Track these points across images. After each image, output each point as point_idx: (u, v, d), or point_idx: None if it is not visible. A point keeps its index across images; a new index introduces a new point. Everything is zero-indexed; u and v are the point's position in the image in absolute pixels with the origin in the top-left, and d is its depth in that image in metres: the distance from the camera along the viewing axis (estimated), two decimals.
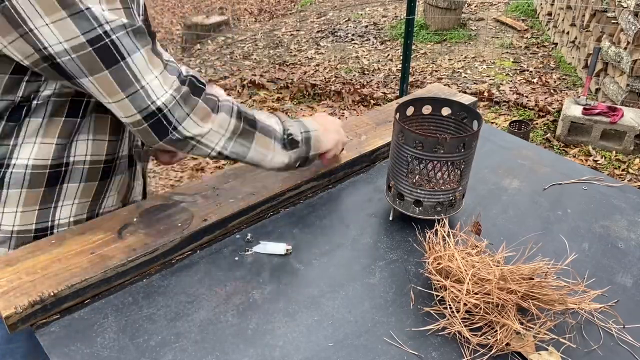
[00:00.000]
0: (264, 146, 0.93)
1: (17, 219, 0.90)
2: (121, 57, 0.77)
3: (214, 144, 0.88)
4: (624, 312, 0.82)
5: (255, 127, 0.92)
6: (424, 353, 0.76)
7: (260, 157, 0.93)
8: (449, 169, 0.96)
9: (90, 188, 0.96)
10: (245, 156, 0.92)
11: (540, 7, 6.28)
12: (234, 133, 0.89)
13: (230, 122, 0.88)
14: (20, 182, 0.88)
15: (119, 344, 0.76)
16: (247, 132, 0.91)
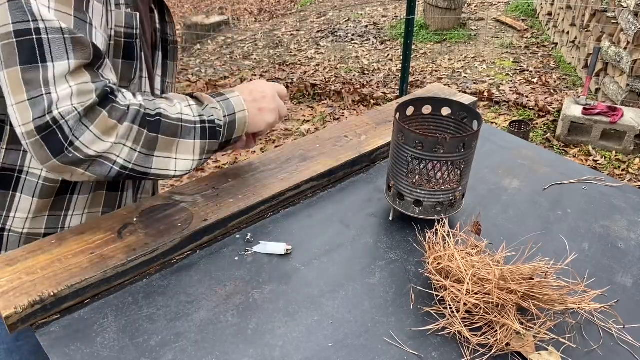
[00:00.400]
0: (167, 149, 0.84)
1: (27, 224, 0.94)
2: (42, 59, 0.72)
3: (116, 158, 0.79)
4: (624, 312, 0.83)
5: (157, 129, 0.82)
6: (424, 353, 0.76)
7: (163, 165, 0.84)
8: (449, 169, 0.96)
9: (100, 197, 0.99)
10: (150, 169, 0.83)
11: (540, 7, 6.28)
12: (137, 142, 0.80)
13: (133, 130, 0.79)
14: (32, 191, 0.92)
15: (119, 344, 0.76)
16: (150, 139, 0.81)
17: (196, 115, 0.88)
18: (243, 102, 0.95)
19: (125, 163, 0.81)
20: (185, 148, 0.86)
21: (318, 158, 1.12)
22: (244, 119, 0.94)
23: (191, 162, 0.88)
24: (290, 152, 1.15)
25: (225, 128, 0.92)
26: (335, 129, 1.26)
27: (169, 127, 0.84)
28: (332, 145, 1.18)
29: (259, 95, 0.98)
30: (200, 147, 0.88)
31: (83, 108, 0.74)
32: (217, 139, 0.90)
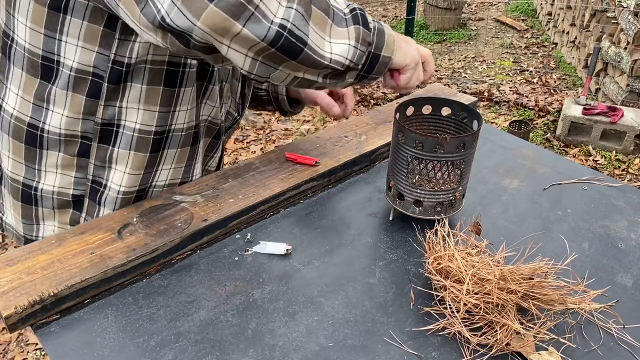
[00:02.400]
0: (320, 26, 0.74)
1: (124, 180, 0.98)
2: None
3: (272, 14, 0.70)
4: (624, 312, 0.83)
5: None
6: (424, 353, 0.76)
7: (320, 43, 0.74)
8: (449, 169, 0.96)
9: (184, 153, 1.03)
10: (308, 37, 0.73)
11: (540, 7, 6.28)
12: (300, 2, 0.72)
13: None
14: (129, 144, 0.95)
15: (119, 344, 0.76)
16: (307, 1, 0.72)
17: (346, 7, 0.79)
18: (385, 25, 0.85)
19: (285, 22, 0.70)
20: (338, 34, 0.76)
21: (318, 158, 1.12)
22: (391, 36, 0.83)
23: (347, 47, 0.77)
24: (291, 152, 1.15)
25: (375, 33, 0.81)
26: (335, 129, 1.26)
27: (321, 2, 0.74)
28: (332, 145, 1.18)
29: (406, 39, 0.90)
30: (355, 32, 0.77)
31: None
32: (368, 30, 0.79)
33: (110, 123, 0.93)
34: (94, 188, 0.98)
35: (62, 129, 0.92)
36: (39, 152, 0.95)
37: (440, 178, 0.96)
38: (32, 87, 0.90)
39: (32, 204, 1.00)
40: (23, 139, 0.95)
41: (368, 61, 0.81)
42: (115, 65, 0.87)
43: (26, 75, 0.90)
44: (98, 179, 0.98)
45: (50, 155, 0.95)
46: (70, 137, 0.93)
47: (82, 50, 0.86)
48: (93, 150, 0.95)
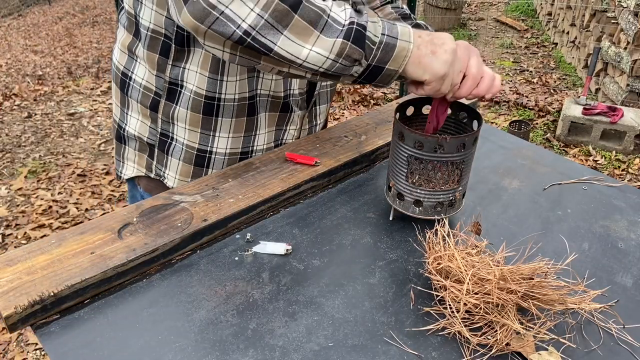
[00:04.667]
0: (300, 35, 0.76)
1: (187, 135, 1.09)
2: None
3: (240, 20, 0.74)
4: (624, 312, 0.83)
5: (296, 7, 0.75)
6: (424, 353, 0.76)
7: (292, 49, 0.77)
8: (449, 169, 0.96)
9: (241, 124, 1.10)
10: (274, 45, 0.76)
11: (540, 7, 6.28)
12: (266, 9, 0.74)
13: None
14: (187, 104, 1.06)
15: (119, 344, 0.76)
16: (284, 12, 0.74)
17: (346, 19, 0.78)
18: (411, 34, 0.82)
19: (249, 28, 0.75)
20: (323, 44, 0.77)
21: (318, 158, 1.12)
22: (404, 51, 0.81)
23: (324, 59, 0.78)
24: None
25: (380, 48, 0.80)
26: (335, 129, 1.26)
27: (310, 12, 0.76)
28: (332, 145, 1.18)
29: (439, 41, 0.84)
30: (340, 46, 0.78)
31: None
32: (361, 48, 0.79)
33: (175, 82, 1.04)
34: (162, 140, 1.12)
35: (144, 79, 1.07)
36: (126, 99, 1.12)
37: (440, 178, 0.96)
38: (127, 40, 1.08)
39: (121, 142, 1.18)
40: (118, 84, 1.13)
41: (367, 71, 0.82)
42: (178, 29, 0.97)
43: (125, 31, 1.08)
44: (165, 132, 1.10)
45: (132, 103, 1.11)
46: (146, 90, 1.07)
47: (155, 14, 0.98)
48: (161, 105, 1.07)
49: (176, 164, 1.14)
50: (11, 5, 9.33)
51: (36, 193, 3.32)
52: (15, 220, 3.04)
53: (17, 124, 4.35)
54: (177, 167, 1.15)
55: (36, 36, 7.57)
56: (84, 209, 3.15)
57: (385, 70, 0.83)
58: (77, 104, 4.77)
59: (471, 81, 0.90)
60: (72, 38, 7.29)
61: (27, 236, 2.90)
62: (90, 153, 3.82)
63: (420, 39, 0.84)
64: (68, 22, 8.29)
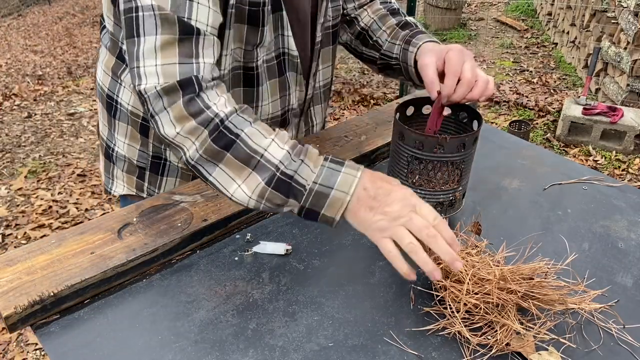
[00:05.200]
0: (234, 170, 0.80)
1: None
2: (137, 33, 0.81)
3: (185, 150, 0.81)
4: (624, 312, 0.82)
5: (228, 147, 0.79)
6: (424, 353, 0.76)
7: (225, 182, 0.81)
8: (449, 169, 0.96)
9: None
10: (210, 175, 0.81)
11: (540, 7, 6.28)
12: (202, 146, 0.79)
13: (202, 133, 0.79)
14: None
15: (119, 344, 0.76)
16: (215, 151, 0.80)
17: (279, 161, 0.79)
18: (353, 186, 0.78)
19: (189, 158, 0.81)
20: (250, 182, 0.80)
21: None
22: (339, 202, 0.78)
23: (247, 198, 0.80)
24: None
25: (310, 194, 0.79)
26: (335, 129, 1.26)
27: (242, 153, 0.79)
28: (332, 145, 1.18)
29: (382, 193, 0.78)
30: (260, 190, 0.80)
31: (162, 88, 0.80)
32: (284, 195, 0.80)
33: None
34: (154, 162, 1.11)
35: (130, 104, 1.06)
36: (113, 121, 1.11)
37: (440, 178, 0.96)
38: (110, 62, 1.06)
39: (110, 160, 1.16)
40: (105, 105, 1.11)
41: (304, 212, 0.81)
42: None
43: (107, 52, 1.06)
44: (158, 155, 1.10)
45: (120, 125, 1.10)
46: (134, 116, 1.06)
47: None
48: (152, 131, 1.07)
49: (172, 182, 1.14)
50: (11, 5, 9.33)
51: (36, 193, 3.32)
52: (15, 220, 3.04)
53: (17, 124, 4.35)
54: (174, 184, 1.14)
55: (36, 36, 7.57)
56: (84, 209, 3.14)
57: (322, 216, 0.80)
58: (77, 104, 4.76)
59: (465, 86, 0.90)
60: (72, 38, 7.29)
61: (27, 236, 2.90)
62: (90, 153, 3.82)
63: (364, 191, 0.78)
64: (68, 22, 8.29)
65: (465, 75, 0.90)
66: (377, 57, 1.17)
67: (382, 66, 1.18)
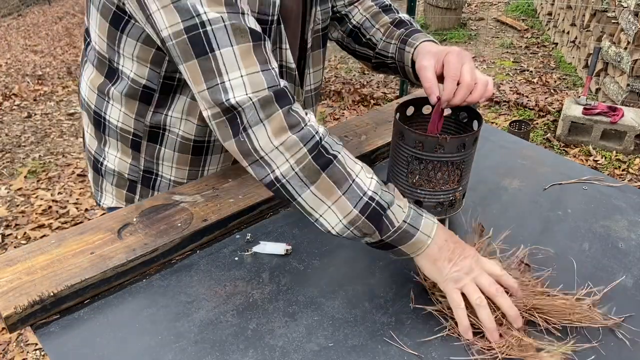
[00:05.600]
0: (324, 192, 0.79)
1: (173, 172, 1.09)
2: (210, 49, 0.78)
3: (275, 167, 0.79)
4: (624, 313, 0.82)
5: (325, 166, 0.79)
6: (424, 353, 0.76)
7: (314, 204, 0.80)
8: (449, 169, 0.96)
9: (230, 156, 1.10)
10: (299, 196, 0.80)
11: (540, 6, 6.28)
12: (298, 163, 0.78)
13: (301, 150, 0.78)
14: (173, 146, 1.05)
15: (119, 344, 0.76)
16: (313, 170, 0.79)
17: (369, 189, 0.80)
18: (434, 231, 0.81)
19: (280, 176, 0.79)
20: (342, 206, 0.79)
21: None
22: (422, 243, 0.80)
23: (337, 221, 0.80)
24: None
25: (397, 232, 0.80)
26: (335, 129, 1.26)
27: (338, 173, 0.79)
28: None
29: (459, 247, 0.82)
30: (353, 217, 0.79)
31: (257, 99, 0.78)
32: (375, 226, 0.80)
33: (157, 127, 1.03)
34: (145, 177, 1.10)
35: (119, 121, 1.04)
36: (102, 136, 1.09)
37: (440, 178, 0.96)
38: (97, 80, 1.03)
39: (99, 173, 1.15)
40: (92, 121, 1.09)
41: (380, 244, 0.83)
42: (166, 79, 0.96)
43: (94, 69, 1.03)
44: (149, 169, 1.09)
45: (110, 140, 1.08)
46: (124, 132, 1.05)
47: (137, 65, 0.96)
48: (143, 146, 1.06)
49: None
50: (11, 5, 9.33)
51: (36, 193, 3.32)
52: (15, 220, 3.04)
53: (17, 124, 4.35)
54: None
55: (36, 36, 7.57)
56: (84, 209, 3.14)
57: (398, 250, 0.83)
58: (77, 104, 4.76)
59: (465, 90, 0.90)
60: (72, 38, 7.29)
61: (27, 236, 2.90)
62: None
63: (445, 242, 0.82)
64: (68, 22, 8.29)
65: (465, 78, 0.90)
66: (371, 55, 1.17)
67: (376, 64, 1.18)
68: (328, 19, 1.14)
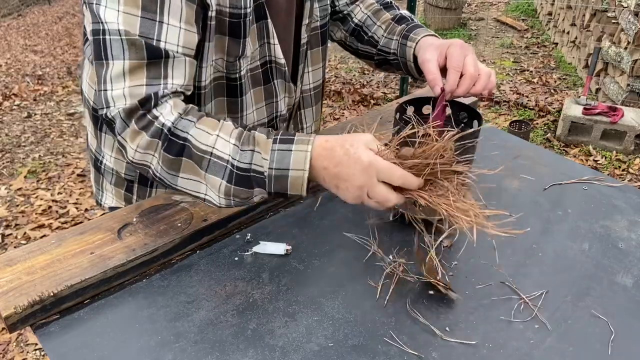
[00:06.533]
0: (192, 174, 0.81)
1: None
2: (105, 56, 0.82)
3: (148, 165, 0.83)
4: (624, 313, 0.82)
5: (181, 152, 0.80)
6: (424, 353, 0.75)
7: (192, 187, 0.82)
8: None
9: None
10: (176, 185, 0.83)
11: (540, 6, 6.28)
12: (159, 158, 0.81)
13: (157, 146, 0.81)
14: None
15: (119, 344, 0.76)
16: (170, 160, 0.81)
17: (230, 156, 0.80)
18: (306, 161, 0.78)
19: (154, 172, 0.83)
20: (212, 182, 0.81)
21: None
22: (299, 179, 0.79)
23: (217, 198, 0.81)
24: None
25: (271, 180, 0.79)
26: (335, 129, 1.26)
27: (194, 155, 0.80)
28: None
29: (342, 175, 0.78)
30: (225, 188, 0.80)
31: (123, 109, 0.81)
32: (248, 187, 0.80)
33: None
34: (142, 175, 1.09)
35: None
36: (100, 134, 1.10)
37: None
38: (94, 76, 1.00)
39: (99, 172, 1.15)
40: (91, 118, 1.10)
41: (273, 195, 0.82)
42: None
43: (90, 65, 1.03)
44: None
45: (107, 139, 1.08)
46: None
47: None
48: None
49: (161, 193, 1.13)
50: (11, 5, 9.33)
51: (36, 193, 3.32)
52: (15, 220, 3.04)
53: (16, 124, 4.35)
54: None
55: (36, 36, 7.57)
56: (84, 209, 3.14)
57: (290, 196, 0.81)
58: (77, 104, 4.76)
59: (469, 80, 0.90)
60: (72, 38, 7.29)
61: (27, 236, 2.90)
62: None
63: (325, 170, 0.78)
64: (68, 22, 8.29)
65: (468, 69, 0.90)
66: (373, 52, 1.17)
67: (379, 62, 1.18)
68: (327, 16, 1.13)
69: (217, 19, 0.90)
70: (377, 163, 0.76)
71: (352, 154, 0.77)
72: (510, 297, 0.85)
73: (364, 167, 0.76)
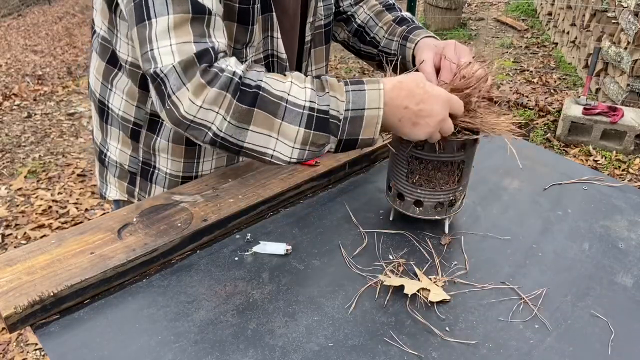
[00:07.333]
0: (264, 126, 0.79)
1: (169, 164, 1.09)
2: (147, 16, 0.79)
3: (209, 124, 0.79)
4: (624, 313, 0.82)
5: (254, 102, 0.78)
6: (424, 353, 0.76)
7: (262, 142, 0.80)
8: (450, 169, 0.96)
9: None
10: (243, 142, 0.80)
11: (540, 6, 6.28)
12: (228, 111, 0.78)
13: (225, 98, 0.77)
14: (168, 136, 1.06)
15: (119, 344, 0.76)
16: (241, 110, 0.78)
17: (307, 100, 0.79)
18: (380, 99, 0.80)
19: (217, 131, 0.79)
20: (287, 132, 0.79)
21: (318, 158, 1.12)
22: (375, 118, 0.80)
23: (290, 149, 0.80)
24: None
25: (346, 123, 0.80)
26: None
27: (269, 103, 0.78)
28: None
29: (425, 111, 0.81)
30: (302, 136, 0.79)
31: (179, 62, 0.77)
32: (327, 132, 0.80)
33: (157, 114, 1.03)
34: (144, 168, 1.11)
35: (120, 110, 1.06)
36: (105, 126, 1.11)
37: (440, 178, 0.96)
38: (100, 68, 1.05)
39: (104, 165, 1.17)
40: (97, 111, 1.11)
41: (342, 145, 0.83)
42: None
43: (98, 57, 1.05)
44: (147, 161, 1.10)
45: (112, 131, 1.10)
46: (124, 121, 1.06)
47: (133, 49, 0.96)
48: (142, 136, 1.07)
49: (160, 191, 1.14)
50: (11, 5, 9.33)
51: (36, 193, 3.32)
52: (15, 220, 3.04)
53: (17, 124, 4.35)
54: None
55: (36, 36, 7.57)
56: (84, 209, 3.14)
57: (361, 141, 0.82)
58: (77, 104, 4.77)
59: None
60: (72, 38, 7.29)
61: (27, 236, 2.90)
62: (90, 153, 3.82)
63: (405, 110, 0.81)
64: (68, 22, 8.29)
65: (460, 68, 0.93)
66: (375, 53, 1.19)
67: (380, 62, 1.19)
68: (331, 15, 1.14)
69: (227, 5, 0.90)
70: (452, 97, 0.83)
71: (430, 91, 0.82)
72: (510, 297, 0.85)
73: (444, 101, 0.82)
